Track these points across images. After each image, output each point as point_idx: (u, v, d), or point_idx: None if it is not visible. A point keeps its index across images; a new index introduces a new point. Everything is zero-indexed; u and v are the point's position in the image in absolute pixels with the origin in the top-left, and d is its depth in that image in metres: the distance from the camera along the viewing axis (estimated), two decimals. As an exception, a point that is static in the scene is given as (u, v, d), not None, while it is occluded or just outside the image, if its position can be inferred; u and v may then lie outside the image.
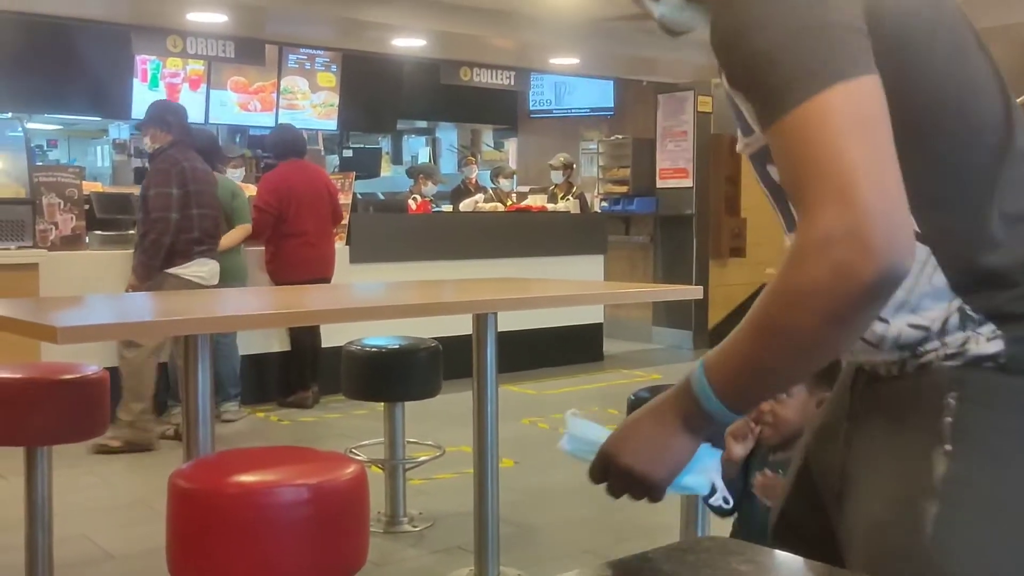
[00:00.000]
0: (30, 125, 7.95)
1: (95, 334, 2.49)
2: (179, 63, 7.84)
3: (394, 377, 3.73)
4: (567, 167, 8.49)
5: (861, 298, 0.91)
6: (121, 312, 2.83)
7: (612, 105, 9.58)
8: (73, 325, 2.12)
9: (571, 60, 8.54)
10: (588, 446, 1.14)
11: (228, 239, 5.28)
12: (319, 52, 8.58)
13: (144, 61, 7.71)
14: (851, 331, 0.95)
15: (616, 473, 1.09)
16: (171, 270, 4.70)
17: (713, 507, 1.83)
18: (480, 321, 3.03)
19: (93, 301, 3.53)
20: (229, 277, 5.20)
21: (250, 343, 5.71)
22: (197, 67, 7.95)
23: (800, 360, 0.99)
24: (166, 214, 4.63)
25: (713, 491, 1.13)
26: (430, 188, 7.91)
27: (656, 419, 1.08)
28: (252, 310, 2.90)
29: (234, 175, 6.48)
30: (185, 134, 4.93)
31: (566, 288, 3.55)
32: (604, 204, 8.74)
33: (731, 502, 1.23)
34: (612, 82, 9.45)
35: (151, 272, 4.65)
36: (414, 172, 8.51)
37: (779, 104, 0.95)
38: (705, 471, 1.11)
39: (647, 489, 1.09)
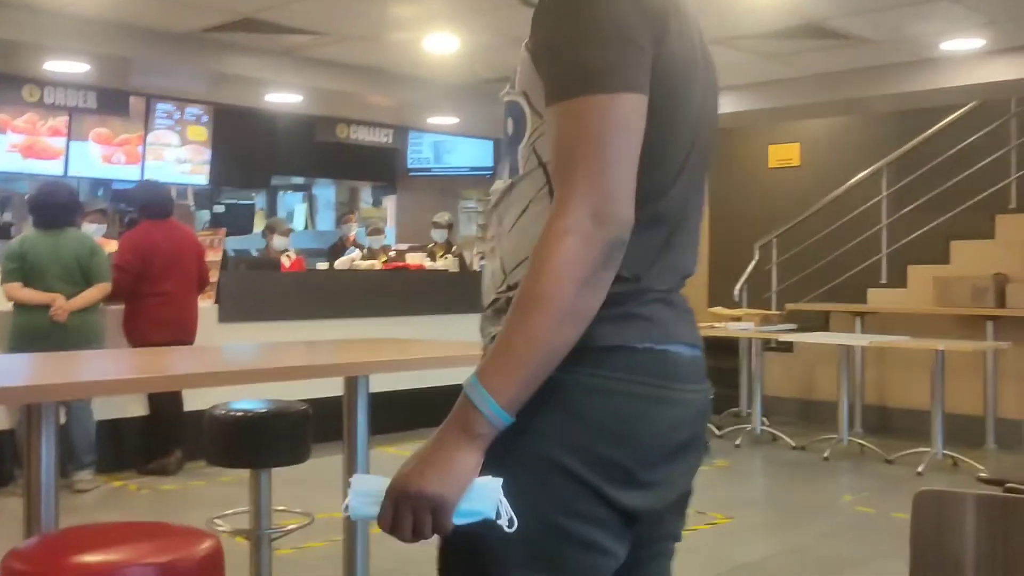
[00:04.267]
0: None
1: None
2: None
3: (261, 442, 3.55)
4: (451, 225, 8.48)
5: (599, 262, 1.15)
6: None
7: (492, 164, 9.67)
8: None
9: (450, 120, 8.58)
10: (372, 496, 1.14)
11: (84, 298, 5.01)
12: (189, 104, 8.35)
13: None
14: (597, 291, 1.17)
15: (407, 503, 1.13)
16: None
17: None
18: (351, 384, 2.93)
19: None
20: (84, 339, 4.92)
21: (106, 407, 5.39)
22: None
23: (567, 326, 1.16)
24: None
25: (499, 515, 1.13)
26: (279, 241, 7.72)
27: (437, 443, 1.16)
28: (107, 375, 2.71)
29: (92, 230, 6.19)
30: None
31: (442, 349, 3.48)
32: (483, 263, 8.75)
33: (515, 523, 1.13)
34: (492, 142, 9.54)
35: None
36: (265, 229, 8.33)
37: (564, 90, 1.18)
38: (490, 493, 1.13)
39: (439, 510, 1.13)
